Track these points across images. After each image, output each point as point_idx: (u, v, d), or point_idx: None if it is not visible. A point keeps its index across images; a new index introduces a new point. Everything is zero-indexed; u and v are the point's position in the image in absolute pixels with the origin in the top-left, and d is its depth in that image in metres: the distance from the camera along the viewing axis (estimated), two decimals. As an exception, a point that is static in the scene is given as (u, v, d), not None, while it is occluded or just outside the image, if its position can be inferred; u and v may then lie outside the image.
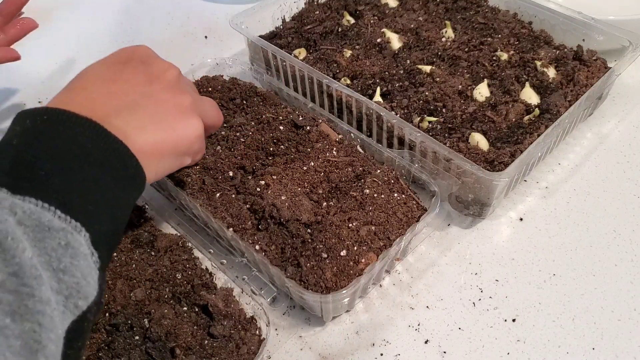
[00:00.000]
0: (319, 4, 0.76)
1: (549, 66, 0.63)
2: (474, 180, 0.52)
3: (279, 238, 0.49)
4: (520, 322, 0.49)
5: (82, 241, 0.31)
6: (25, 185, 0.30)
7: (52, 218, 0.30)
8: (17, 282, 0.27)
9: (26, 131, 0.33)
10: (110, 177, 0.34)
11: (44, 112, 0.34)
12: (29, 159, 0.32)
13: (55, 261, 0.29)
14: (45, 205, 0.30)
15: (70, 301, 0.30)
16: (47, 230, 0.29)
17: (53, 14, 0.91)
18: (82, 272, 0.30)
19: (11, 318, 0.26)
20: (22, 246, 0.28)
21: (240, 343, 0.45)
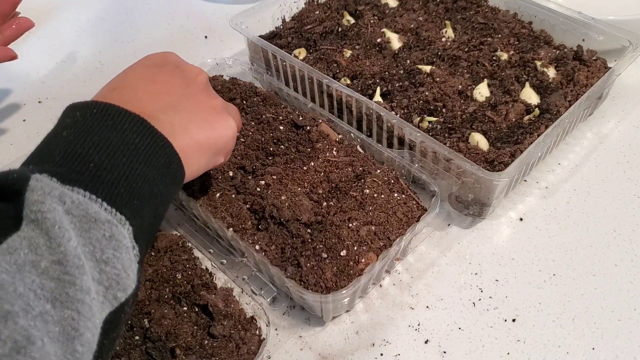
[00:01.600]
0: (319, 4, 0.76)
1: (549, 66, 0.63)
2: (474, 180, 0.52)
3: (279, 238, 0.49)
4: (520, 322, 0.49)
5: (125, 234, 0.31)
6: (74, 177, 0.31)
7: (99, 210, 0.31)
8: (60, 270, 0.28)
9: (76, 123, 0.35)
10: (155, 173, 0.35)
11: (94, 106, 0.36)
12: (79, 151, 0.32)
13: (98, 252, 0.30)
14: (93, 196, 0.31)
15: (109, 292, 0.30)
16: (93, 222, 0.30)
17: (52, 13, 0.91)
18: (123, 264, 0.31)
19: (52, 304, 0.27)
20: (68, 235, 0.29)
21: (240, 343, 0.45)
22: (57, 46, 0.84)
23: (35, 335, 0.26)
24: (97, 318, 0.30)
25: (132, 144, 0.34)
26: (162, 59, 0.44)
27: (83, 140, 0.33)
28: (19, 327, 0.26)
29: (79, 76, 0.78)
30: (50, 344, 0.27)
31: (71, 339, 0.28)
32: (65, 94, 0.75)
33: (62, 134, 0.34)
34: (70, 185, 0.30)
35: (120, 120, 0.35)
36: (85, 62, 0.81)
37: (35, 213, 0.29)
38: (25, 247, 0.28)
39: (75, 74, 0.79)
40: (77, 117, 0.35)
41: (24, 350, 0.26)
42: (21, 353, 0.25)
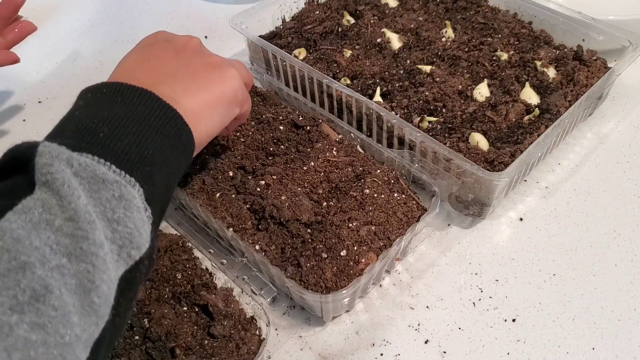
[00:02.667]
0: (319, 4, 0.76)
1: (549, 66, 0.63)
2: (474, 180, 0.52)
3: (279, 238, 0.49)
4: (520, 322, 0.49)
5: (136, 194, 0.32)
6: (84, 145, 0.32)
7: (107, 171, 0.31)
8: (72, 226, 0.29)
9: (87, 103, 0.36)
10: (166, 143, 0.36)
11: (104, 86, 0.38)
12: (89, 125, 0.34)
13: (109, 212, 0.31)
14: (101, 160, 0.32)
15: (123, 250, 0.31)
16: (101, 182, 0.31)
17: (53, 14, 0.91)
18: (135, 223, 0.32)
19: (67, 258, 0.28)
20: (77, 193, 0.30)
21: (240, 343, 0.45)
22: (57, 46, 0.84)
23: (53, 285, 0.27)
24: (112, 273, 0.30)
25: (142, 116, 0.35)
26: (152, 39, 0.46)
27: (93, 116, 0.34)
28: (37, 277, 0.27)
29: (79, 76, 0.78)
30: (67, 294, 0.28)
31: (87, 291, 0.29)
32: (65, 94, 0.75)
33: (75, 114, 0.36)
34: (79, 151, 0.31)
35: (129, 95, 0.36)
36: (85, 62, 0.81)
37: (45, 175, 0.30)
38: (39, 207, 0.29)
39: (75, 74, 0.79)
40: (89, 97, 0.37)
41: (43, 298, 0.27)
42: (40, 301, 0.26)
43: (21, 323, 0.26)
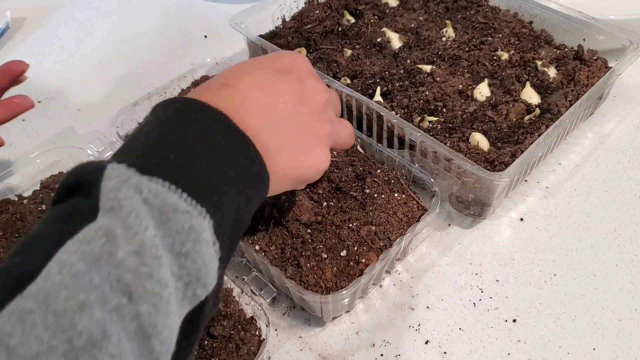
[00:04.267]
0: (319, 4, 0.76)
1: (549, 66, 0.63)
2: (474, 180, 0.52)
3: (279, 238, 0.49)
4: (521, 322, 0.48)
5: (206, 227, 0.30)
6: (153, 167, 0.30)
7: (178, 200, 0.29)
8: (137, 261, 0.27)
9: (159, 119, 0.34)
10: (236, 173, 0.33)
11: (177, 101, 0.35)
12: (159, 143, 0.31)
13: (178, 244, 0.28)
14: (173, 187, 0.29)
15: (189, 289, 0.29)
16: (172, 212, 0.28)
17: (52, 13, 0.91)
18: (204, 258, 0.29)
19: (128, 298, 0.26)
20: (145, 224, 0.27)
21: (240, 343, 0.45)
22: (57, 46, 0.84)
23: (111, 329, 0.25)
24: (176, 315, 0.28)
25: (213, 140, 0.33)
26: (288, 65, 0.40)
27: (164, 133, 0.32)
28: (95, 320, 0.25)
29: (79, 76, 0.78)
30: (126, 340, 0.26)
31: (148, 337, 0.26)
32: (64, 94, 0.75)
33: (144, 129, 0.33)
34: (149, 175, 0.29)
35: (202, 115, 0.34)
36: (85, 62, 0.81)
37: (111, 201, 0.27)
38: (101, 237, 0.26)
39: (75, 73, 0.79)
40: (160, 113, 0.34)
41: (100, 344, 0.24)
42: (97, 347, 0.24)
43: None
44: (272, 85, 0.38)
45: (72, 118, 0.71)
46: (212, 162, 0.32)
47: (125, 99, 0.70)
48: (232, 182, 0.32)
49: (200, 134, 0.33)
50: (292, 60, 0.41)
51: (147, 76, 0.77)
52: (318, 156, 0.40)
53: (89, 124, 0.69)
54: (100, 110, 0.71)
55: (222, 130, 0.34)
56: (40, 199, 0.55)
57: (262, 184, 0.36)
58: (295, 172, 0.38)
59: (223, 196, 0.32)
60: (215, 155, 0.32)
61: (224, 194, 0.32)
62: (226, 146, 0.33)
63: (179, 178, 0.30)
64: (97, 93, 0.75)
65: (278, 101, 0.38)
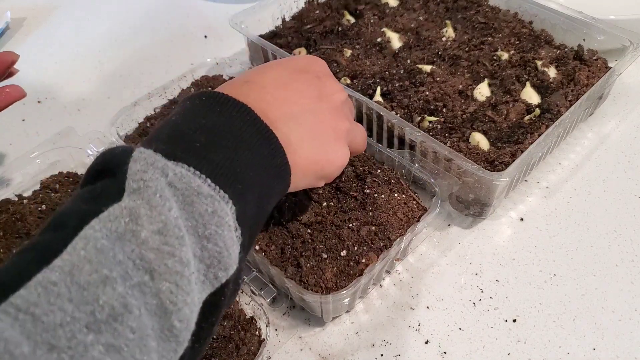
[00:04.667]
0: (319, 4, 0.76)
1: (549, 66, 0.63)
2: (474, 180, 0.52)
3: (279, 238, 0.49)
4: (521, 322, 0.48)
5: (228, 211, 0.30)
6: (179, 153, 0.31)
7: (202, 184, 0.30)
8: (159, 240, 0.27)
9: (185, 109, 0.35)
10: (259, 162, 0.34)
11: (203, 94, 0.36)
12: (185, 131, 0.33)
13: (201, 227, 0.29)
14: (197, 172, 0.30)
15: (210, 271, 0.29)
16: (195, 195, 0.29)
17: (53, 14, 0.91)
18: (225, 242, 0.30)
19: (150, 275, 0.27)
20: (169, 205, 0.28)
21: (240, 343, 0.45)
22: (57, 46, 0.84)
23: (132, 304, 0.26)
24: (197, 295, 0.29)
25: (238, 130, 0.34)
26: (306, 65, 0.42)
27: (190, 123, 0.33)
28: (117, 294, 0.25)
29: (79, 76, 0.78)
30: (147, 315, 0.26)
31: (169, 314, 0.27)
32: (64, 94, 0.75)
33: (171, 120, 0.34)
34: (174, 160, 0.30)
35: (227, 107, 0.35)
36: (85, 62, 0.81)
37: (137, 182, 0.28)
38: (126, 216, 0.27)
39: (74, 73, 0.79)
40: (187, 104, 0.35)
41: (121, 317, 0.25)
42: (118, 320, 0.25)
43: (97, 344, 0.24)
44: (292, 83, 0.40)
45: (72, 118, 0.71)
46: (236, 151, 0.33)
47: (125, 99, 0.70)
48: (254, 173, 0.33)
49: (225, 125, 0.34)
50: (310, 61, 0.43)
51: (147, 76, 0.77)
52: (337, 151, 0.41)
53: (89, 124, 0.69)
54: (100, 110, 0.71)
55: (246, 122, 0.35)
56: (40, 199, 0.55)
57: (284, 176, 0.37)
58: (316, 166, 0.39)
59: (246, 185, 0.32)
60: (239, 145, 0.33)
61: (247, 183, 0.33)
62: (250, 137, 0.34)
63: (204, 164, 0.31)
64: (97, 93, 0.75)
65: (298, 97, 0.39)
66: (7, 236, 0.51)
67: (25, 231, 0.52)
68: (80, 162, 0.61)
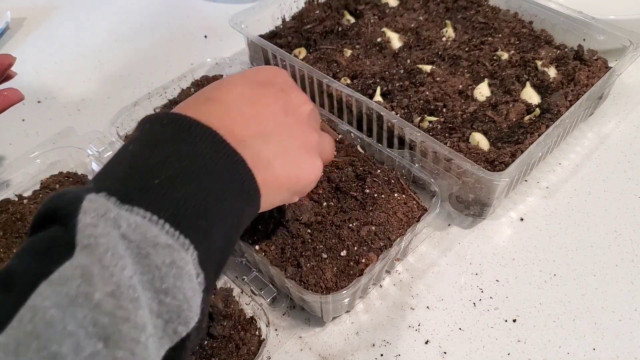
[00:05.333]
0: (319, 4, 0.76)
1: (549, 66, 0.63)
2: (474, 180, 0.52)
3: (279, 238, 0.49)
4: (521, 322, 0.48)
5: (189, 260, 0.29)
6: (136, 195, 0.29)
7: (159, 233, 0.28)
8: (113, 303, 0.26)
9: (145, 136, 0.33)
10: (227, 191, 0.32)
11: (165, 117, 0.34)
12: (143, 166, 0.30)
13: (158, 281, 0.27)
14: (154, 217, 0.28)
15: (169, 326, 0.28)
16: (152, 247, 0.28)
17: (53, 14, 0.91)
18: (185, 294, 0.28)
19: (104, 343, 0.25)
20: (122, 263, 0.26)
21: (240, 343, 0.45)
22: (57, 46, 0.84)
23: None
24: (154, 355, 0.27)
25: (202, 159, 0.32)
26: (269, 78, 0.41)
27: (149, 154, 0.31)
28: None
29: (79, 76, 0.78)
30: None
31: None
32: (64, 94, 0.75)
33: (129, 148, 0.32)
34: (130, 204, 0.28)
35: (190, 134, 0.32)
36: (85, 62, 0.81)
37: (87, 238, 0.27)
38: (77, 277, 0.26)
39: (74, 73, 0.79)
40: (147, 129, 0.33)
41: None
42: None
43: None
44: (257, 97, 0.38)
45: (72, 118, 0.71)
46: (201, 184, 0.31)
47: (125, 99, 0.70)
48: (222, 204, 0.32)
49: (188, 154, 0.31)
50: (272, 73, 0.42)
51: (147, 76, 0.77)
52: (311, 164, 0.40)
53: (89, 124, 0.69)
54: (100, 110, 0.72)
55: (212, 148, 0.33)
56: (40, 199, 0.55)
57: (254, 200, 0.35)
58: (289, 181, 0.38)
59: (212, 220, 0.31)
60: (205, 175, 0.31)
61: (214, 217, 0.31)
62: (216, 165, 0.32)
63: (162, 207, 0.29)
64: (97, 93, 0.75)
65: (265, 112, 0.38)
66: (7, 236, 0.51)
67: (25, 231, 0.52)
68: (80, 162, 0.61)
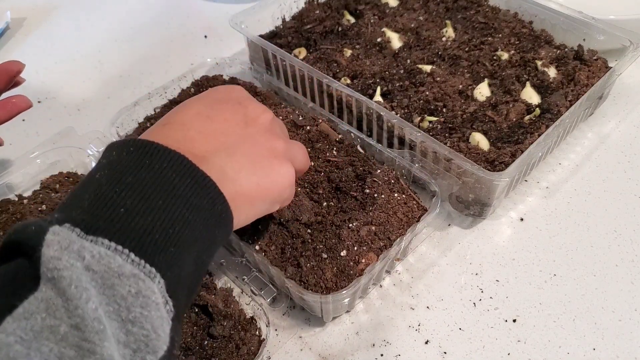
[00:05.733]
0: (319, 4, 0.76)
1: (549, 66, 0.63)
2: (474, 180, 0.52)
3: (279, 238, 0.49)
4: (521, 322, 0.48)
5: (155, 289, 0.28)
6: (101, 225, 0.29)
7: (124, 263, 0.28)
8: (79, 335, 0.26)
9: (111, 164, 0.32)
10: (197, 216, 0.32)
11: (131, 144, 0.33)
12: (109, 195, 0.30)
13: (124, 311, 0.27)
14: (119, 247, 0.28)
15: (137, 355, 0.28)
16: (116, 277, 0.27)
17: (53, 13, 0.91)
18: (153, 323, 0.28)
19: None
20: (87, 296, 0.26)
21: (240, 343, 0.45)
22: (57, 46, 0.84)
23: None
24: None
25: (170, 185, 0.31)
26: (225, 94, 0.41)
27: (115, 182, 0.31)
28: None
29: (79, 76, 0.78)
30: None
31: None
32: (64, 94, 0.75)
33: (95, 177, 0.32)
34: (94, 235, 0.28)
35: (157, 159, 0.32)
36: (85, 62, 0.81)
37: (51, 271, 0.26)
38: (42, 311, 0.25)
39: (74, 73, 0.79)
40: (113, 156, 0.33)
41: None
42: None
43: None
44: (215, 114, 0.38)
45: (72, 118, 0.71)
46: (168, 210, 0.30)
47: (125, 99, 0.70)
48: (192, 228, 0.31)
49: (156, 179, 0.31)
50: (227, 90, 0.42)
51: (147, 76, 0.77)
52: (280, 170, 0.39)
53: (89, 124, 0.69)
54: (100, 110, 0.72)
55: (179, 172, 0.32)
56: (40, 199, 0.55)
57: (226, 223, 0.35)
58: (261, 191, 0.37)
59: (181, 246, 0.30)
60: (173, 201, 0.31)
61: (182, 243, 0.30)
62: (184, 189, 0.32)
63: (127, 236, 0.28)
64: (97, 93, 0.75)
65: (224, 126, 0.37)
66: (7, 236, 0.51)
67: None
68: (80, 162, 0.61)
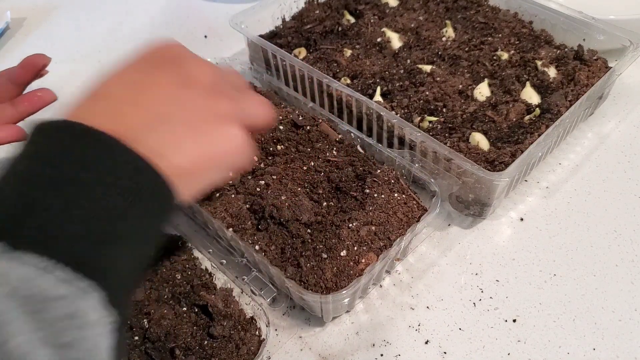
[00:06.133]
0: (319, 4, 0.76)
1: (549, 66, 0.63)
2: (474, 180, 0.52)
3: (279, 238, 0.49)
4: (521, 322, 0.48)
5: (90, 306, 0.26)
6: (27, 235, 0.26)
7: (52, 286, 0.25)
8: None
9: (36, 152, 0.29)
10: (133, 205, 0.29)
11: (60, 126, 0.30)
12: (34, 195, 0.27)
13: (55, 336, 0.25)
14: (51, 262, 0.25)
15: None
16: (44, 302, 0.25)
17: (53, 13, 0.91)
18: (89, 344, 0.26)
19: None
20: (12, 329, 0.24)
21: (240, 343, 0.45)
22: (57, 46, 0.84)
23: None
24: None
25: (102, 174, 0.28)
26: (158, 55, 0.36)
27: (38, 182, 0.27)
28: None
29: (78, 76, 0.78)
30: None
31: None
32: (64, 94, 0.75)
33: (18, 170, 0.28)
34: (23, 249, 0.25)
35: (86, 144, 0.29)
36: (85, 62, 0.81)
37: None
38: None
39: (74, 73, 0.79)
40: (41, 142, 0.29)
41: None
42: None
43: None
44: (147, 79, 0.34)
45: (72, 118, 0.71)
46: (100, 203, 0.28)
47: (125, 99, 0.69)
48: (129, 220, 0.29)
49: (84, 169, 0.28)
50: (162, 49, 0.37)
51: (147, 76, 0.77)
52: (224, 134, 0.35)
53: (89, 124, 0.68)
54: (100, 110, 0.71)
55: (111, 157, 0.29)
56: (40, 199, 0.55)
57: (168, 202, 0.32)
58: (207, 159, 0.34)
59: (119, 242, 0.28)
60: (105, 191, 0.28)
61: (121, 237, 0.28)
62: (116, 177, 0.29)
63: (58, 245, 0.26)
64: (97, 93, 0.75)
65: (159, 95, 0.34)
66: (7, 236, 0.51)
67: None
68: None
